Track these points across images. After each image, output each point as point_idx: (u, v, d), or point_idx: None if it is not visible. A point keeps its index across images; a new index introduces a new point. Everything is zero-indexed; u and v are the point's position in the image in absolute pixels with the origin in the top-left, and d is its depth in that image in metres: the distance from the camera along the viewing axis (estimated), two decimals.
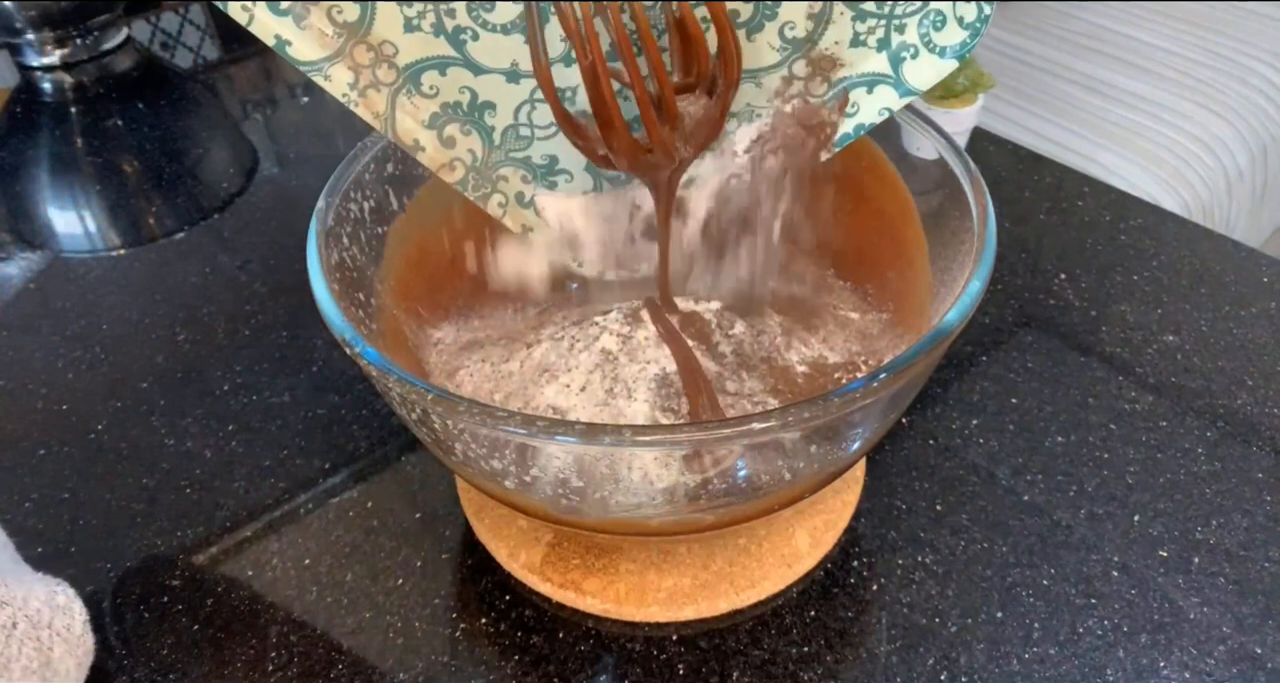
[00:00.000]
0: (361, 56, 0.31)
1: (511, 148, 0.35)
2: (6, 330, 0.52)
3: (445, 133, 0.34)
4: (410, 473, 0.43)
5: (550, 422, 0.26)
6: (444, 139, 0.34)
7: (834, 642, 0.36)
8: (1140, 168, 0.97)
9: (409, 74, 0.32)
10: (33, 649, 0.32)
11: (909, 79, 0.33)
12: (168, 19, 0.82)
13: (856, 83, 0.34)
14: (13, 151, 0.68)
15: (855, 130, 0.34)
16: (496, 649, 0.36)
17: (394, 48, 0.31)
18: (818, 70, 0.34)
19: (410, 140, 0.33)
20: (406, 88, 0.32)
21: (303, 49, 0.30)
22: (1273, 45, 1.13)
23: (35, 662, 0.32)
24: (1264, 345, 0.48)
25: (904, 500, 0.41)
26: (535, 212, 0.37)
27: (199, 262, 0.57)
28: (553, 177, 0.36)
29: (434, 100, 0.33)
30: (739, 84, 0.33)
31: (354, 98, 0.31)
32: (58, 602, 0.33)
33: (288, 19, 0.29)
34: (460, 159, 0.34)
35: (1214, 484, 0.41)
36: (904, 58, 0.33)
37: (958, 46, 0.32)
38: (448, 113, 0.33)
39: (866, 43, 0.33)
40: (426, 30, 0.31)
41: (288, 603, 0.38)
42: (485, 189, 0.35)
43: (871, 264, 0.40)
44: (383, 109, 0.32)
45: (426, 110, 0.33)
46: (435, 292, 0.40)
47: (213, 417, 0.46)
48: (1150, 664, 0.35)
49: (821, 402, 0.26)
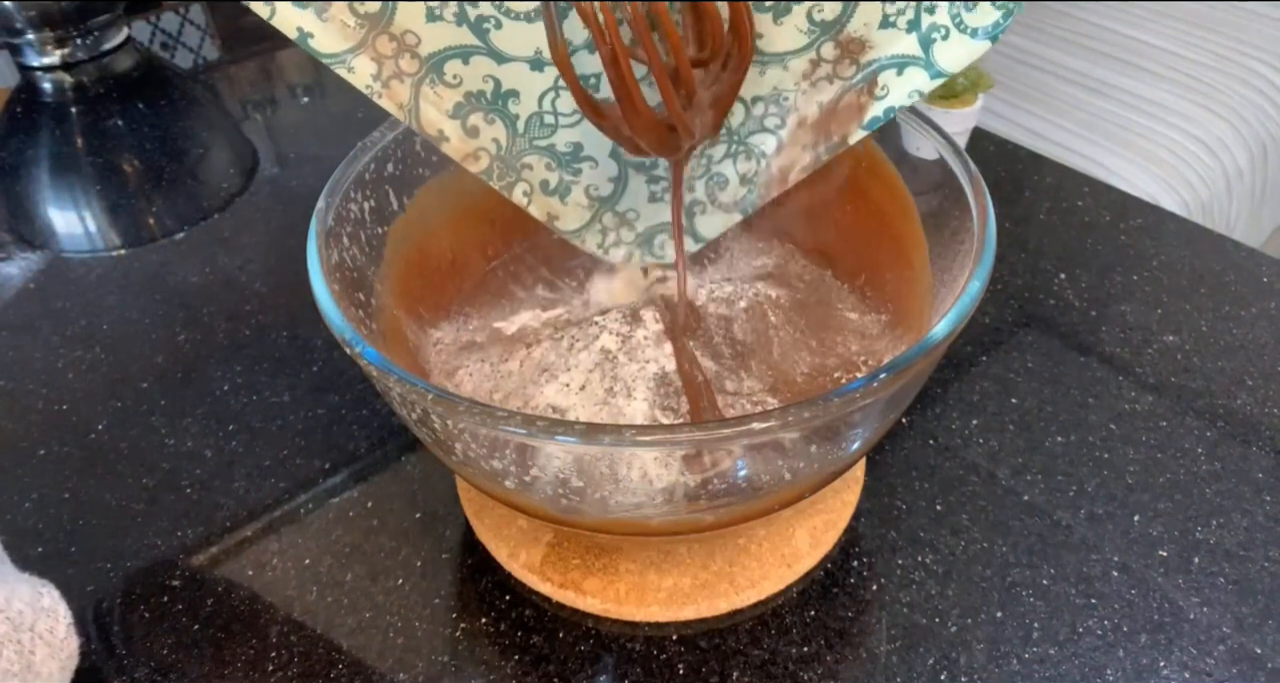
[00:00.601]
0: (384, 47, 0.31)
1: (536, 136, 0.35)
2: (6, 330, 0.52)
3: (469, 122, 0.33)
4: (410, 473, 0.43)
5: (550, 422, 0.26)
6: (468, 129, 0.33)
7: (834, 642, 0.36)
8: (1140, 168, 0.97)
9: (432, 64, 0.32)
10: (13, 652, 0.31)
11: (940, 61, 0.32)
12: (168, 19, 0.82)
13: (886, 65, 0.33)
14: (13, 151, 0.68)
15: (885, 113, 0.34)
16: (496, 649, 0.36)
17: (416, 38, 0.31)
18: (846, 53, 0.33)
19: (434, 131, 0.33)
20: (430, 77, 0.32)
21: (325, 41, 0.30)
22: (1273, 45, 1.13)
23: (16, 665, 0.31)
24: (1264, 345, 0.48)
25: (904, 500, 0.41)
26: (561, 199, 0.37)
27: (199, 262, 0.57)
28: (577, 164, 0.36)
29: (457, 90, 0.33)
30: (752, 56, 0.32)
31: (377, 89, 0.31)
32: (42, 604, 0.33)
33: (309, 11, 0.29)
34: (485, 148, 0.34)
35: (1214, 484, 0.41)
36: (934, 39, 0.32)
37: (990, 27, 0.31)
38: (471, 102, 0.33)
39: (896, 24, 0.32)
40: (449, 19, 0.31)
41: (288, 603, 0.38)
42: (510, 178, 0.35)
43: (871, 264, 0.40)
44: (406, 100, 0.32)
45: (450, 100, 0.33)
46: (435, 292, 0.40)
47: (213, 417, 0.46)
48: (1150, 664, 0.35)
49: (821, 402, 0.26)
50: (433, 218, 0.39)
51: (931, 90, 0.33)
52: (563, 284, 0.42)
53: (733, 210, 0.38)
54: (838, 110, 0.34)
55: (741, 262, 0.42)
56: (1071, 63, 1.12)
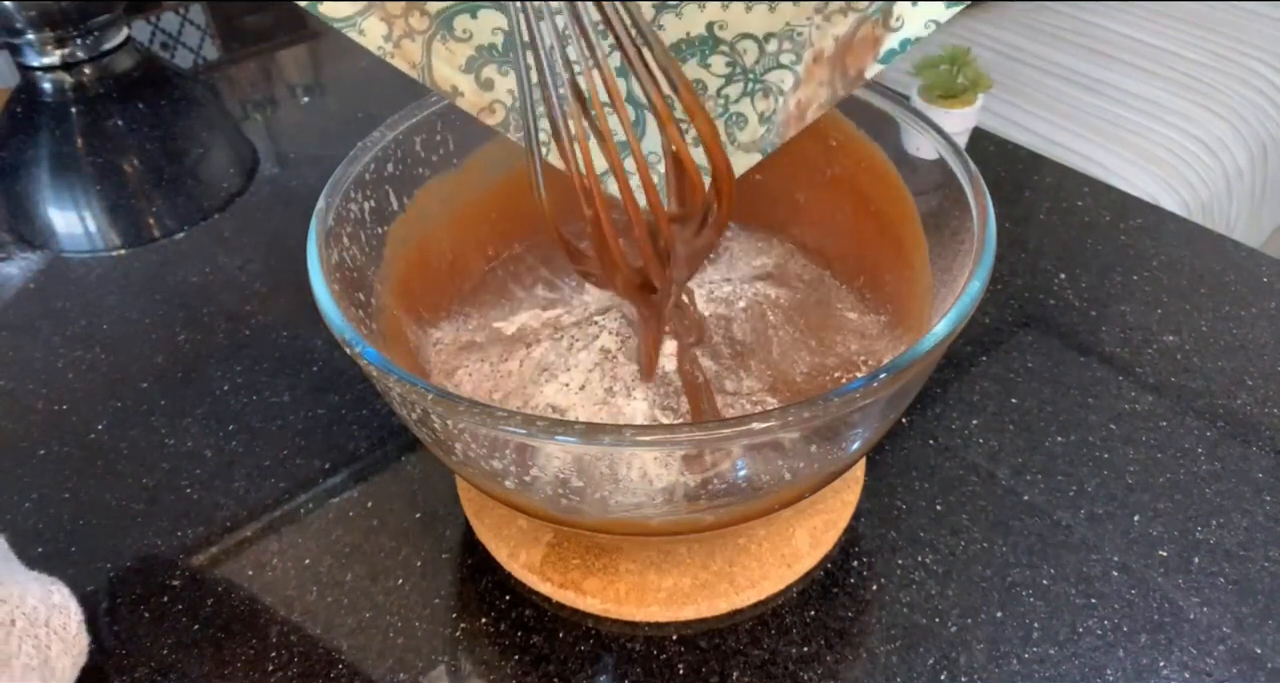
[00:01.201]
0: (393, 7, 0.31)
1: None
2: (6, 330, 0.52)
3: (483, 76, 0.33)
4: (410, 473, 0.43)
5: (550, 422, 0.26)
6: (482, 82, 0.34)
7: (834, 642, 0.36)
8: (1140, 168, 0.97)
9: (441, 20, 0.32)
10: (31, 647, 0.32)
11: None
12: (168, 19, 0.82)
13: None
14: (13, 151, 0.68)
15: (901, 45, 0.32)
16: (496, 649, 0.36)
17: None
18: None
19: (448, 86, 0.33)
20: (440, 33, 0.32)
21: (335, 6, 0.30)
22: (1273, 45, 1.14)
23: (35, 659, 0.32)
24: (1264, 345, 0.48)
25: (904, 500, 0.41)
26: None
27: (199, 262, 0.57)
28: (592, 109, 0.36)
29: (468, 44, 0.33)
30: (733, 206, 0.32)
31: (389, 49, 0.31)
32: (53, 601, 0.33)
33: None
34: (500, 100, 0.34)
35: (1214, 484, 0.41)
36: None
37: None
38: (483, 55, 0.33)
39: None
40: None
41: (288, 603, 0.38)
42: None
43: (871, 264, 0.40)
44: (418, 58, 0.32)
45: (462, 55, 0.33)
46: (435, 292, 0.40)
47: (213, 417, 0.46)
48: (1150, 664, 0.35)
49: (821, 402, 0.26)
50: (433, 218, 0.39)
51: (948, 19, 0.31)
52: (563, 284, 0.42)
53: (753, 150, 0.37)
54: (853, 44, 0.33)
55: (741, 261, 0.42)
56: (1071, 63, 1.12)
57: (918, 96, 0.62)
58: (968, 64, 0.61)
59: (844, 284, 0.41)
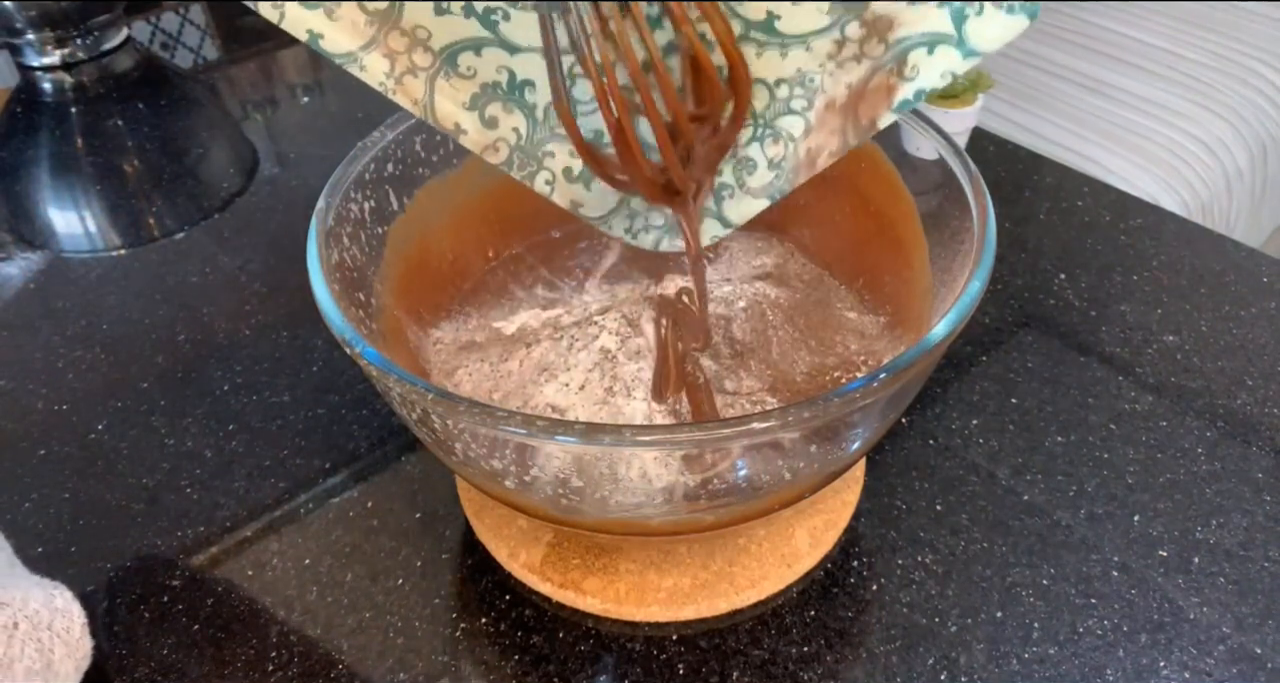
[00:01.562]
0: (397, 43, 0.30)
1: (556, 124, 0.34)
2: (6, 330, 0.52)
3: (487, 113, 0.33)
4: (410, 473, 0.43)
5: (550, 422, 0.26)
6: (486, 120, 0.33)
7: (834, 642, 0.36)
8: (1140, 168, 0.97)
9: (445, 57, 0.32)
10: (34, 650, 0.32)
11: (973, 39, 0.30)
12: (168, 19, 0.82)
13: (916, 43, 0.31)
14: (13, 151, 0.68)
15: (916, 95, 0.31)
16: (496, 649, 0.36)
17: (427, 32, 0.31)
18: (873, 31, 0.32)
19: (451, 124, 0.32)
20: (444, 71, 0.32)
21: (336, 40, 0.29)
22: (1273, 45, 1.14)
23: (38, 663, 0.32)
24: (1264, 345, 0.48)
25: (904, 500, 0.41)
26: (585, 185, 0.36)
27: (199, 262, 0.57)
28: (602, 150, 0.36)
29: (472, 81, 0.32)
30: (750, 106, 0.32)
31: (390, 85, 0.31)
32: (56, 604, 0.33)
33: (319, 12, 0.29)
34: (504, 139, 0.34)
35: (1214, 484, 0.41)
36: (968, 15, 0.30)
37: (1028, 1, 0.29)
38: (488, 93, 0.33)
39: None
40: (457, 13, 0.31)
41: (288, 603, 0.38)
42: (531, 167, 0.35)
43: (871, 264, 0.40)
44: (421, 95, 0.32)
45: (466, 92, 0.32)
46: (435, 292, 0.40)
47: (213, 417, 0.46)
48: (1150, 664, 0.35)
49: (821, 402, 0.26)
50: (433, 218, 0.39)
51: (965, 71, 0.31)
52: (563, 284, 0.42)
53: (761, 196, 0.37)
54: (866, 92, 0.33)
55: (741, 261, 0.42)
56: (1071, 63, 1.12)
57: None
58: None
59: (844, 284, 0.41)
